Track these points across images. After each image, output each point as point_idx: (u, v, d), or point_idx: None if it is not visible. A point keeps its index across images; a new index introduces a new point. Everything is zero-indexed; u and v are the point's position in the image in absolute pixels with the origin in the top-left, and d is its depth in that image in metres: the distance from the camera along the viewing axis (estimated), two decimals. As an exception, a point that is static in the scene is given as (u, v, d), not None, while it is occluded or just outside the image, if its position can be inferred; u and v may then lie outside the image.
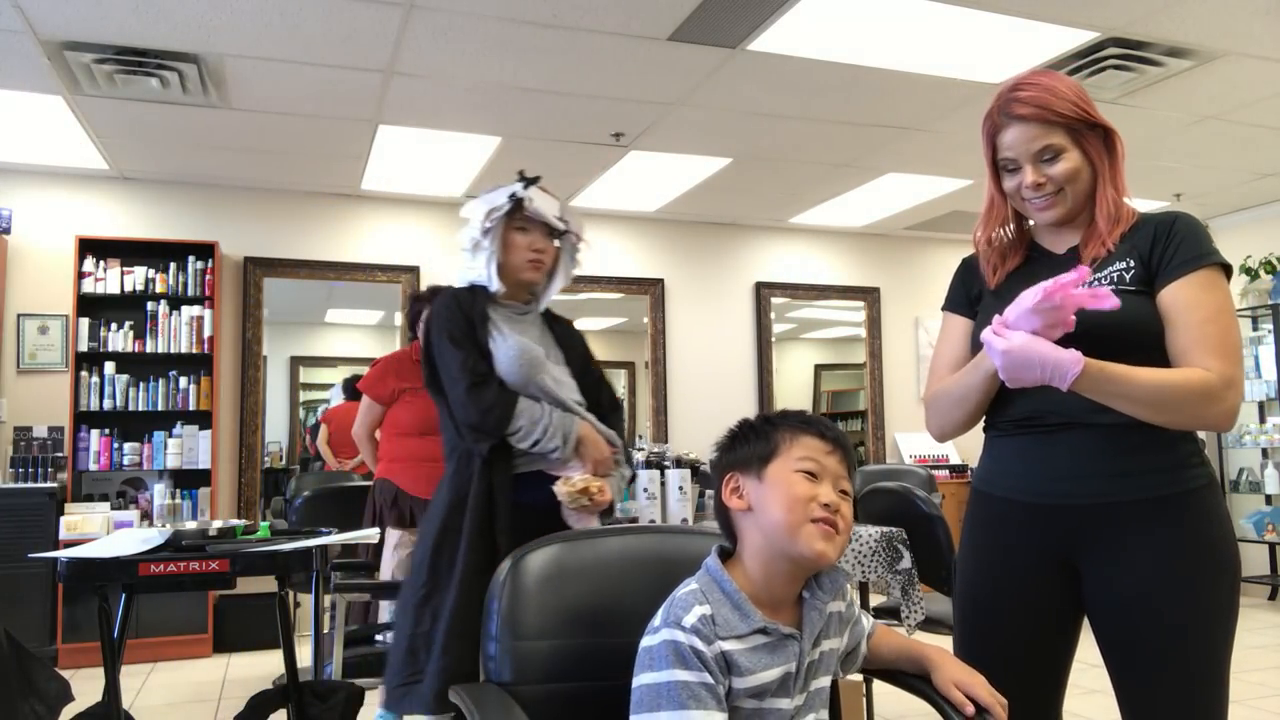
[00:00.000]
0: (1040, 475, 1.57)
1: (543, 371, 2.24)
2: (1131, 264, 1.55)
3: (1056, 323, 1.43)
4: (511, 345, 2.23)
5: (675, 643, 1.20)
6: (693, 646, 1.20)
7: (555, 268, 2.41)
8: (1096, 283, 1.55)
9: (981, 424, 1.71)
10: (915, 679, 1.38)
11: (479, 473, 2.18)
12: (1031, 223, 1.70)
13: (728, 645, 1.22)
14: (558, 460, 2.20)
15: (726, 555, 1.33)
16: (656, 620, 1.26)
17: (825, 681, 1.32)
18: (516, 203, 2.29)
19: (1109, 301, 1.40)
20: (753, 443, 1.33)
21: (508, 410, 2.15)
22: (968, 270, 1.78)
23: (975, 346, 1.67)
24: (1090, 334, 1.48)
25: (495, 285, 2.30)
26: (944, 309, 1.81)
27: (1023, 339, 1.43)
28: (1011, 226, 1.69)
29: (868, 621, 1.43)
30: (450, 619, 2.09)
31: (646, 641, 1.24)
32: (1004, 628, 1.63)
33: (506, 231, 2.31)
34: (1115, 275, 1.55)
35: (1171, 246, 1.53)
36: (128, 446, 5.06)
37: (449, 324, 2.24)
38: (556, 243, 2.39)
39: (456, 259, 2.40)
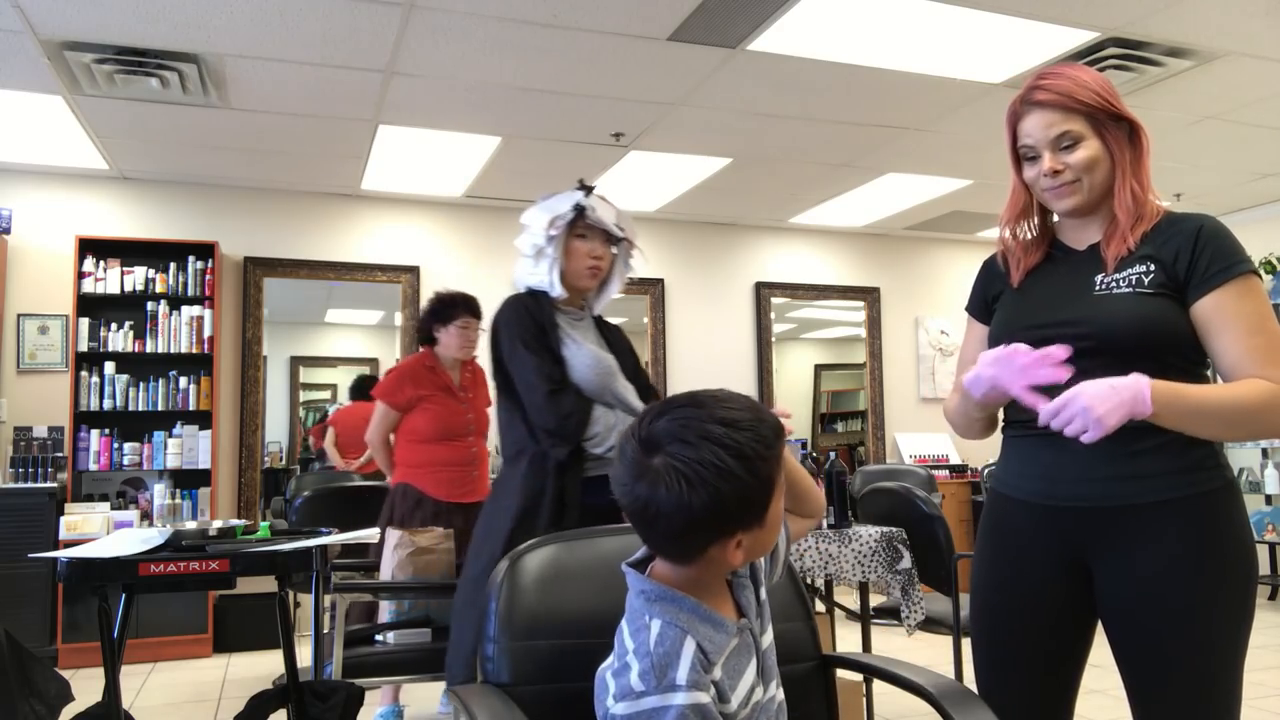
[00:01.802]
0: (1053, 477, 1.56)
1: (616, 379, 2.32)
2: (1152, 267, 1.52)
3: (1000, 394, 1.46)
4: (587, 354, 2.30)
5: (676, 709, 1.05)
6: (694, 705, 1.06)
7: (610, 274, 2.48)
8: (1114, 283, 1.54)
9: (1000, 425, 1.71)
10: (915, 681, 1.37)
11: (553, 477, 2.23)
12: (1056, 219, 1.69)
13: (718, 671, 1.11)
14: None
15: (641, 569, 1.19)
16: (634, 682, 1.08)
17: (770, 639, 1.24)
18: (579, 210, 2.34)
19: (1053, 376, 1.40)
20: (759, 494, 1.11)
21: (585, 417, 2.22)
22: (986, 272, 1.77)
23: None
24: (1108, 338, 1.48)
25: (558, 291, 2.36)
26: (966, 309, 1.80)
27: (1083, 386, 1.38)
28: (1036, 221, 1.68)
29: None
30: None
31: (625, 708, 1.07)
32: (1017, 628, 1.63)
33: (568, 239, 2.37)
34: (1134, 277, 1.53)
35: (1203, 257, 1.49)
36: (128, 446, 5.06)
37: (521, 330, 2.29)
38: (613, 249, 2.45)
39: (517, 264, 2.44)
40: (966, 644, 1.72)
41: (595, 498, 2.22)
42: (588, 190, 2.40)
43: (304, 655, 2.99)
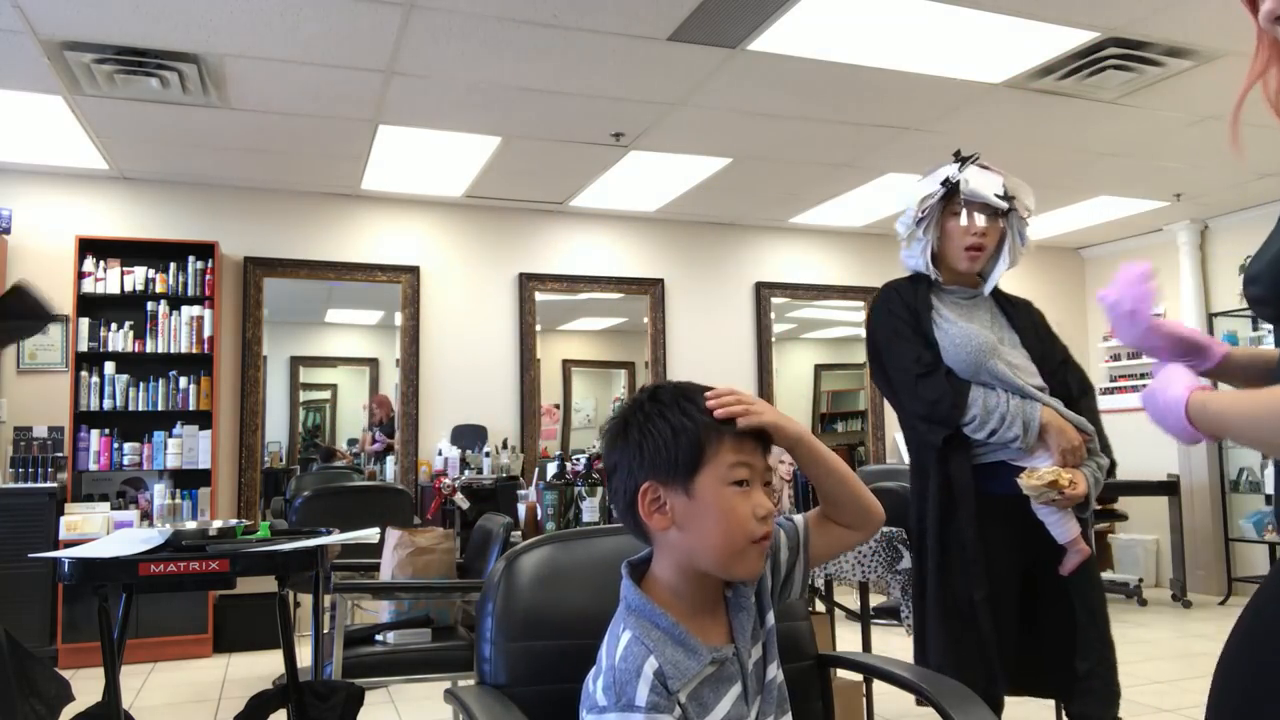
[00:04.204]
0: None
1: (994, 357, 2.15)
2: None
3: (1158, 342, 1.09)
4: (957, 332, 2.17)
5: None
6: None
7: (1001, 246, 2.29)
8: None
9: None
10: (913, 680, 1.37)
11: (934, 465, 2.14)
12: None
13: (684, 696, 1.08)
14: (1020, 450, 2.10)
15: (640, 573, 1.18)
16: (599, 695, 1.08)
17: (776, 672, 1.20)
18: (952, 187, 2.22)
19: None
20: (670, 447, 1.11)
21: (959, 399, 2.09)
22: None
23: None
24: None
25: (933, 275, 2.26)
26: None
27: (1154, 386, 1.08)
28: None
29: (791, 522, 1.28)
30: (932, 611, 2.14)
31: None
32: None
33: (944, 217, 2.25)
34: None
35: None
36: (128, 446, 5.06)
37: (890, 318, 2.22)
38: (1001, 221, 2.28)
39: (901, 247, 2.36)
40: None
41: (995, 486, 2.11)
42: (964, 162, 2.25)
43: (304, 655, 2.99)
